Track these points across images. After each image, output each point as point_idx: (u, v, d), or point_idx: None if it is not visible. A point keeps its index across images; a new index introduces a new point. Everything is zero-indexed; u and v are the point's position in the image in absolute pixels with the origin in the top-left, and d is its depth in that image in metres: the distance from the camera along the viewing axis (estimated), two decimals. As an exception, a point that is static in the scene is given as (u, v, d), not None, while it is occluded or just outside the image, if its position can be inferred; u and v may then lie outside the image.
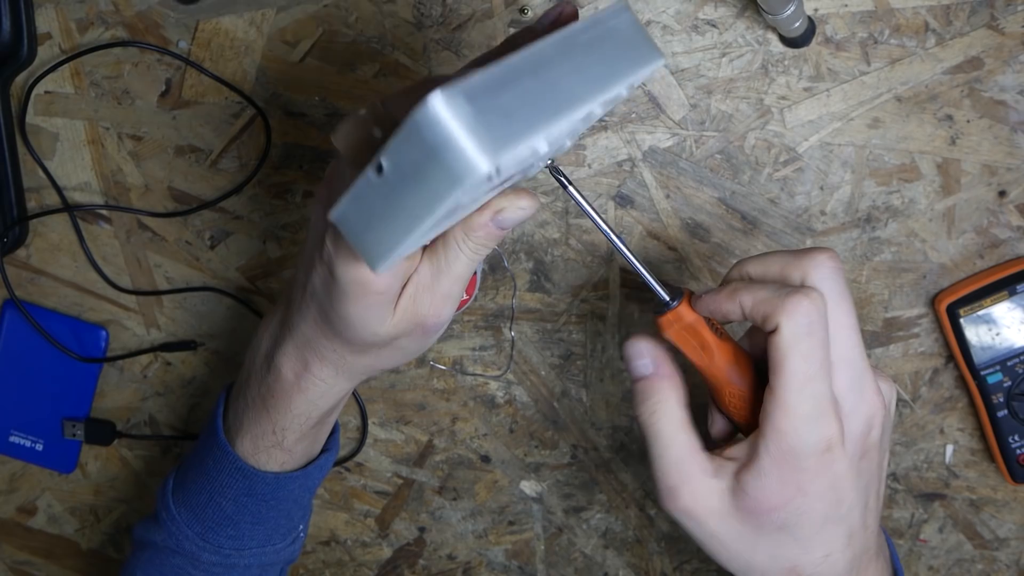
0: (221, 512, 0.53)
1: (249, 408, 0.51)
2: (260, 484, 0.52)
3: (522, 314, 0.63)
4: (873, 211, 0.59)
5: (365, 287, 0.42)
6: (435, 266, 0.43)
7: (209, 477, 0.53)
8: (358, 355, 0.48)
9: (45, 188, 0.63)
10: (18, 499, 0.70)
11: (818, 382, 0.40)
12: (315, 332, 0.47)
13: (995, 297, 0.58)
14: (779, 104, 0.57)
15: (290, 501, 0.54)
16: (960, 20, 0.55)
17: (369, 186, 0.34)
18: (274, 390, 0.50)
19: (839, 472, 0.41)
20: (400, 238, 0.35)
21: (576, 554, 0.67)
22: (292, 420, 0.50)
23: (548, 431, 0.65)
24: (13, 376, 0.66)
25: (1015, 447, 0.60)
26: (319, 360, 0.48)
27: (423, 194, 0.33)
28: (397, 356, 0.48)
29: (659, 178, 0.59)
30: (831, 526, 0.42)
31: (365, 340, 0.46)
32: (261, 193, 0.62)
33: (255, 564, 0.55)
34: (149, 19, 0.60)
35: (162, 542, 0.54)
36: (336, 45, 0.59)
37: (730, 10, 0.56)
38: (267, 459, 0.52)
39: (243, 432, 0.52)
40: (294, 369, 0.49)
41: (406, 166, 0.33)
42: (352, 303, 0.43)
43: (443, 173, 0.32)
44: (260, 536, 0.54)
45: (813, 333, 0.40)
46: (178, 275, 0.64)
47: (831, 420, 0.40)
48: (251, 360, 0.52)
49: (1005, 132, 0.57)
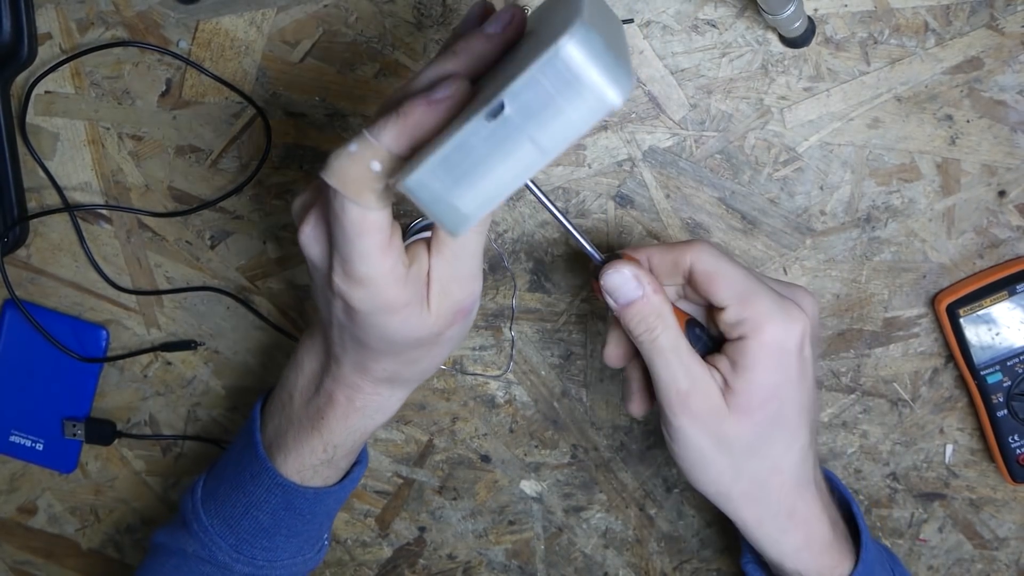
0: (257, 525, 0.52)
1: (294, 427, 0.51)
2: (300, 499, 0.52)
3: (522, 314, 0.63)
4: (873, 211, 0.59)
5: (388, 306, 0.42)
6: (448, 256, 0.44)
7: (246, 491, 0.52)
8: (409, 365, 0.48)
9: (45, 188, 0.63)
10: (18, 499, 0.70)
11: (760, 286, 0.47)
12: (361, 357, 0.47)
13: (995, 297, 0.58)
14: (779, 104, 0.57)
15: (324, 514, 0.54)
16: (960, 20, 0.56)
17: (476, 135, 0.35)
18: (325, 412, 0.50)
19: (807, 359, 0.47)
20: (509, 183, 0.36)
21: (576, 554, 0.67)
22: (347, 437, 0.51)
23: (548, 431, 0.65)
24: (13, 376, 0.66)
25: (1015, 447, 0.60)
26: (372, 381, 0.48)
27: (556, 128, 0.34)
28: (445, 349, 0.48)
29: (659, 178, 0.59)
30: (806, 415, 0.48)
31: (411, 346, 0.46)
32: (261, 193, 0.63)
33: (285, 574, 0.55)
34: (149, 19, 0.60)
35: (192, 552, 0.54)
36: (336, 45, 0.59)
37: (730, 10, 0.56)
38: (312, 475, 0.52)
39: (287, 450, 0.51)
40: (347, 394, 0.49)
41: (536, 104, 0.34)
42: (384, 324, 0.43)
43: (586, 103, 0.33)
44: (292, 548, 0.54)
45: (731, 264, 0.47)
46: (178, 275, 0.64)
47: (799, 314, 0.46)
48: (293, 379, 0.52)
49: (1005, 132, 0.57)
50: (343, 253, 0.41)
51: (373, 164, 0.39)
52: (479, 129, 0.34)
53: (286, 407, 0.52)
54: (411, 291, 0.43)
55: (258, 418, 0.53)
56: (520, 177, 0.35)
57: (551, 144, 0.34)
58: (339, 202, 0.39)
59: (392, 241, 0.41)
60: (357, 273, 0.41)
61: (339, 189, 0.39)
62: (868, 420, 0.62)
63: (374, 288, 0.42)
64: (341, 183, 0.39)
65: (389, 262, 0.41)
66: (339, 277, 0.42)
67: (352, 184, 0.39)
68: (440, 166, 0.35)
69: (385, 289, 0.42)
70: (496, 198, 0.36)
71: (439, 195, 0.36)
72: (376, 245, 0.41)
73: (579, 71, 0.33)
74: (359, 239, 0.40)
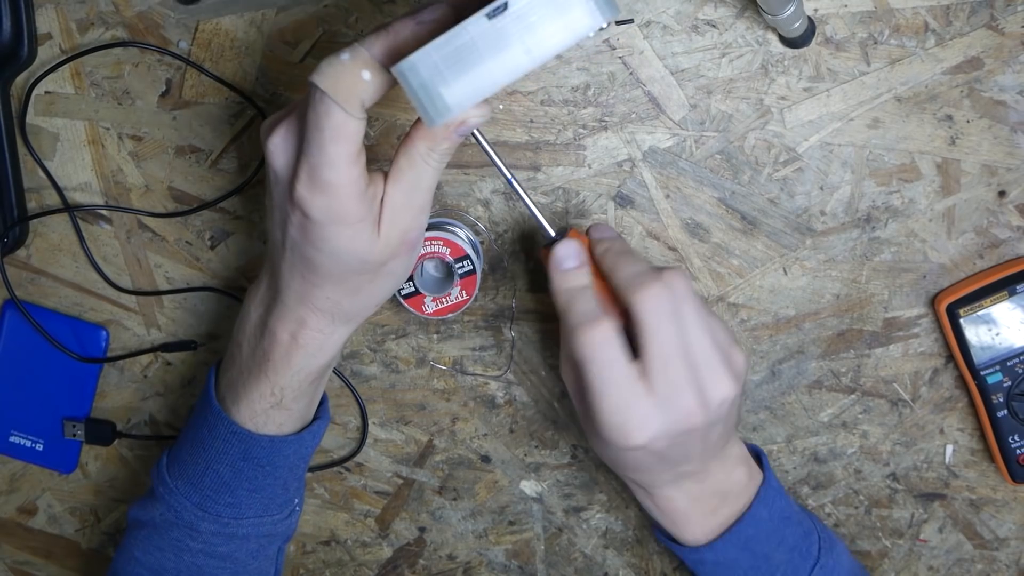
0: (219, 479, 0.54)
1: (243, 375, 0.53)
2: (256, 447, 0.53)
3: (522, 314, 0.63)
4: (873, 211, 0.59)
5: (343, 217, 0.45)
6: (403, 184, 0.47)
7: (205, 446, 0.54)
8: (352, 295, 0.50)
9: (45, 188, 0.63)
10: (18, 499, 0.70)
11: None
12: (305, 285, 0.49)
13: (995, 297, 0.58)
14: (779, 104, 0.57)
15: (286, 468, 0.55)
16: (960, 20, 0.56)
17: (474, 29, 0.39)
18: (270, 353, 0.51)
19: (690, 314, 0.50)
20: (494, 81, 0.40)
21: (576, 554, 0.67)
22: (291, 377, 0.52)
23: (548, 431, 0.65)
24: (13, 376, 0.66)
25: (1015, 447, 0.60)
26: (314, 312, 0.50)
27: (546, 35, 0.39)
28: (387, 283, 0.50)
29: (659, 178, 0.59)
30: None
31: (356, 270, 0.48)
32: (261, 193, 0.63)
33: (253, 535, 0.55)
34: (149, 19, 0.60)
35: (160, 517, 0.55)
36: (336, 45, 0.59)
37: (730, 10, 0.56)
38: (265, 421, 0.53)
39: (239, 398, 0.53)
40: (289, 329, 0.51)
41: (534, 9, 0.38)
42: (335, 236, 0.46)
43: (577, 17, 0.38)
44: (257, 505, 0.55)
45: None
46: (178, 275, 0.64)
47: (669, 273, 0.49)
48: (241, 331, 0.54)
49: (1005, 132, 0.57)
50: (312, 159, 0.44)
51: (363, 73, 0.42)
52: (477, 24, 0.39)
53: (235, 358, 0.54)
54: (365, 208, 0.45)
55: (213, 375, 0.55)
56: (505, 77, 0.40)
57: (539, 50, 0.39)
58: (325, 105, 0.42)
59: (359, 156, 0.45)
60: (322, 179, 0.44)
61: (328, 92, 0.42)
62: (868, 420, 0.62)
63: (334, 197, 0.44)
64: (332, 87, 0.42)
65: (354, 173, 0.44)
66: (302, 184, 0.45)
67: (341, 89, 0.42)
68: (433, 53, 0.39)
69: (344, 200, 0.44)
70: (478, 94, 0.40)
71: (427, 82, 0.40)
72: (346, 153, 0.44)
73: None
74: (333, 144, 0.43)
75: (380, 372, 0.65)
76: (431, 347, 0.64)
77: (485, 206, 0.61)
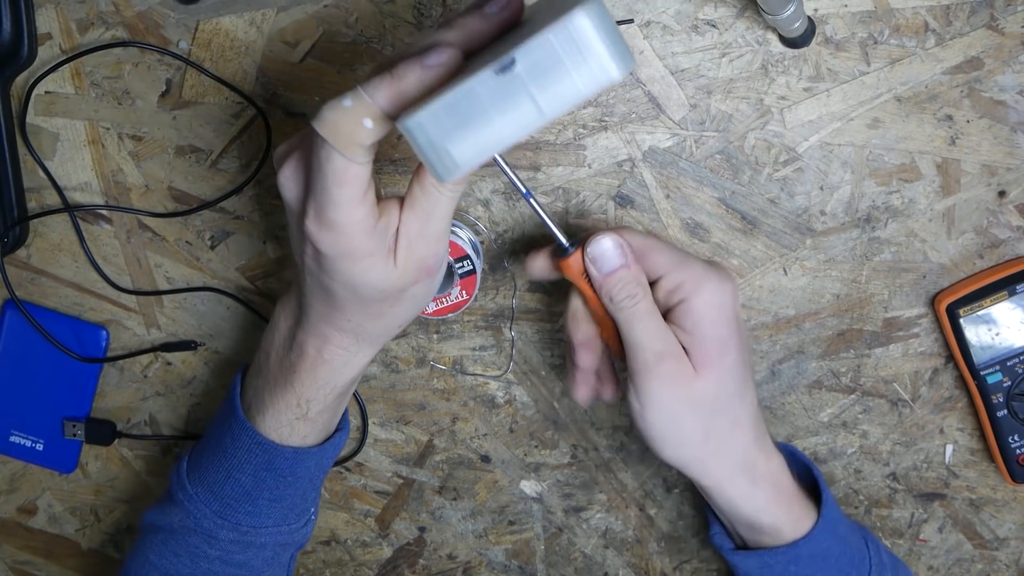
0: (240, 487, 0.53)
1: (270, 384, 0.53)
2: (279, 458, 0.53)
3: (522, 314, 0.63)
4: (873, 211, 0.59)
5: (352, 253, 0.45)
6: (419, 213, 0.46)
7: (227, 454, 0.53)
8: (373, 319, 0.49)
9: (45, 188, 0.63)
10: (18, 499, 0.70)
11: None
12: (327, 307, 0.49)
13: (995, 297, 0.58)
14: (779, 104, 0.57)
15: (306, 479, 0.55)
16: (960, 20, 0.56)
17: (482, 87, 0.37)
18: (297, 366, 0.51)
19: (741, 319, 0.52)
20: (504, 138, 0.38)
21: (576, 554, 0.67)
22: (317, 390, 0.52)
23: (548, 431, 0.65)
24: (13, 376, 0.66)
25: (1015, 447, 0.60)
26: (338, 332, 0.50)
27: (558, 91, 0.37)
28: (409, 307, 0.50)
29: (659, 178, 0.59)
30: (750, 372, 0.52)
31: (375, 298, 0.47)
32: (261, 193, 0.63)
33: (270, 544, 0.55)
34: (149, 19, 0.60)
35: (178, 523, 0.55)
36: (336, 45, 0.59)
37: (730, 10, 0.56)
38: (289, 432, 0.53)
39: (264, 408, 0.53)
40: (315, 344, 0.51)
41: (544, 65, 0.37)
42: (347, 269, 0.45)
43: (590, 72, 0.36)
44: (276, 515, 0.55)
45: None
46: (178, 275, 0.64)
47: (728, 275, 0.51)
48: (270, 340, 0.54)
49: (1005, 132, 0.57)
50: (318, 198, 0.43)
51: (365, 121, 0.41)
52: (486, 81, 0.37)
53: (263, 368, 0.54)
54: (376, 242, 0.45)
55: (239, 383, 0.55)
56: (515, 134, 0.38)
57: (550, 106, 0.37)
58: (325, 151, 0.42)
59: (367, 194, 0.44)
60: (327, 218, 0.43)
61: (329, 140, 0.41)
62: (868, 420, 0.62)
63: (341, 235, 0.44)
64: (332, 134, 0.41)
65: (360, 213, 0.43)
66: (310, 220, 0.44)
67: (342, 137, 0.41)
68: (442, 112, 0.38)
69: (352, 237, 0.44)
70: (488, 151, 0.39)
71: (435, 139, 0.38)
72: (351, 196, 0.43)
73: (589, 40, 0.36)
74: (336, 188, 0.42)
75: (380, 372, 0.65)
76: (431, 347, 0.64)
77: (485, 206, 0.61)
